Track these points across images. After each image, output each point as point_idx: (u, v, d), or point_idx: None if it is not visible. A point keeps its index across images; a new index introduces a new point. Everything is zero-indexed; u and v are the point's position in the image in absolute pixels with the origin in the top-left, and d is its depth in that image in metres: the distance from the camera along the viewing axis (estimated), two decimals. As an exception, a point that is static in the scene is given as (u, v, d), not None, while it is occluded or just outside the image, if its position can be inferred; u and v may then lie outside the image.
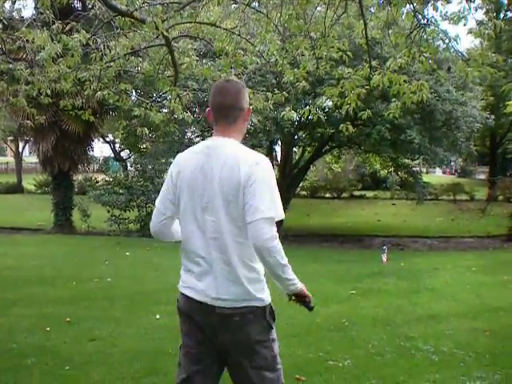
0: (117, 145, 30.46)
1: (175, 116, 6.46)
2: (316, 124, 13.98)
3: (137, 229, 15.30)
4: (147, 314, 5.96)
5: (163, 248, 11.08)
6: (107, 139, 30.07)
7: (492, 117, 17.37)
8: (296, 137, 17.36)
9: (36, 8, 6.80)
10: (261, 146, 15.02)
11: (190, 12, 5.17)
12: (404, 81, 4.74)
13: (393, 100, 5.35)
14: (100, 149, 33.95)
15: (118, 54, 5.28)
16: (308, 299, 2.34)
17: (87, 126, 14.47)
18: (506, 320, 5.72)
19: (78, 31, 4.92)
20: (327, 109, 14.50)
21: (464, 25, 4.38)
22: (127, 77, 8.23)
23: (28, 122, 9.19)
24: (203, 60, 11.21)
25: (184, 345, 2.38)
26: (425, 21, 4.49)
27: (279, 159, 19.29)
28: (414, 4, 4.30)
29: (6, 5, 5.97)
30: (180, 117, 6.21)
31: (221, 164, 2.22)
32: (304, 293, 2.31)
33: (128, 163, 27.11)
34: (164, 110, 8.40)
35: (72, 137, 14.95)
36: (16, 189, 28.72)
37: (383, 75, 4.69)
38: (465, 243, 15.63)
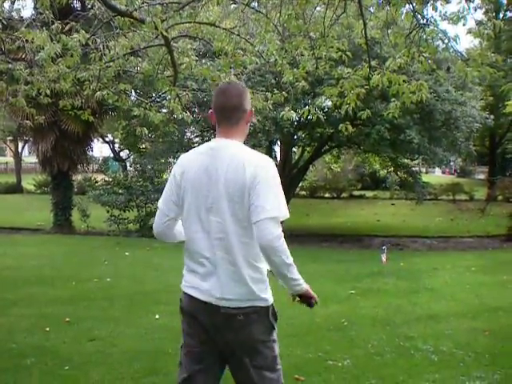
0: (116, 145, 30.47)
1: (174, 116, 6.46)
2: (315, 124, 13.99)
3: (136, 229, 15.31)
4: (147, 314, 5.95)
5: (163, 248, 11.08)
6: (107, 139, 30.10)
7: (491, 117, 17.36)
8: (295, 137, 17.37)
9: (35, 8, 6.82)
10: (260, 146, 15.01)
11: (190, 12, 5.17)
12: (403, 81, 4.75)
13: (392, 100, 5.36)
14: (99, 149, 33.92)
15: (118, 54, 5.28)
16: (314, 300, 2.34)
17: (86, 126, 14.46)
18: (506, 320, 5.72)
19: (78, 31, 4.92)
20: (326, 109, 14.49)
21: (463, 25, 4.38)
22: (126, 77, 8.24)
23: (27, 122, 9.17)
24: (202, 60, 11.17)
25: (186, 344, 2.38)
26: (424, 21, 4.50)
27: (278, 159, 19.27)
28: (414, 4, 4.30)
29: (6, 5, 5.98)
30: (179, 117, 6.21)
31: (226, 165, 2.23)
32: (309, 294, 2.32)
33: (127, 163, 27.14)
34: (163, 110, 8.38)
35: (71, 137, 14.94)
36: (15, 189, 28.72)
37: (382, 75, 4.69)
38: (464, 243, 15.63)
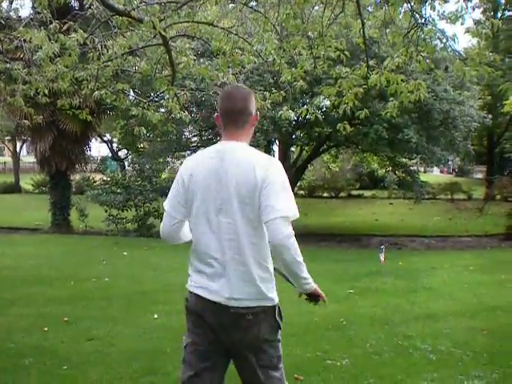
0: (114, 144, 30.47)
1: (173, 115, 6.45)
2: (314, 123, 14.00)
3: (134, 228, 15.31)
4: (145, 314, 5.95)
5: (161, 248, 11.08)
6: (105, 139, 30.09)
7: (489, 116, 17.36)
8: (294, 136, 17.36)
9: (33, 7, 6.80)
10: (258, 146, 15.00)
11: (188, 11, 5.17)
12: (401, 80, 4.75)
13: (390, 99, 5.35)
14: (97, 148, 33.93)
15: (116, 54, 5.27)
16: (322, 299, 2.40)
17: (85, 126, 14.45)
18: (504, 319, 5.73)
19: (76, 31, 4.91)
20: (325, 108, 14.48)
21: (461, 24, 4.39)
22: (125, 76, 8.23)
23: (25, 122, 9.15)
24: (201, 59, 11.20)
25: (192, 342, 2.39)
26: (422, 20, 4.50)
27: (277, 159, 19.28)
28: (412, 3, 4.30)
29: (4, 4, 5.98)
30: (177, 116, 6.21)
31: (236, 168, 2.28)
32: (317, 292, 2.39)
33: (125, 163, 27.09)
34: (162, 110, 8.38)
35: (69, 136, 14.92)
36: (13, 188, 28.67)
37: (381, 74, 4.69)
38: (462, 242, 15.65)
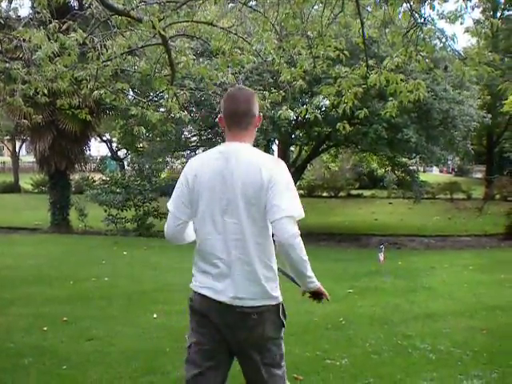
0: (114, 144, 30.43)
1: (172, 115, 6.44)
2: (313, 123, 13.95)
3: (134, 228, 15.31)
4: (145, 313, 5.95)
5: (160, 247, 11.08)
6: (104, 138, 30.05)
7: (489, 116, 17.35)
8: (293, 136, 17.36)
9: (33, 7, 6.79)
10: (258, 145, 15.01)
11: (187, 11, 5.17)
12: (401, 80, 4.75)
13: (390, 99, 5.36)
14: (97, 148, 33.92)
15: (115, 53, 5.27)
16: (325, 297, 2.42)
17: (84, 125, 14.43)
18: (503, 318, 5.74)
19: (75, 30, 4.90)
20: (324, 108, 14.49)
21: (461, 24, 4.41)
22: (124, 76, 8.24)
23: (25, 122, 9.16)
24: (200, 59, 11.20)
25: (196, 342, 2.39)
26: (421, 20, 4.50)
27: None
28: (411, 3, 4.30)
29: (3, 4, 5.97)
30: (177, 116, 6.21)
31: (241, 169, 2.29)
32: (321, 291, 2.40)
33: (125, 162, 27.06)
34: (161, 109, 8.39)
35: (69, 136, 14.90)
36: (13, 188, 28.63)
37: (380, 74, 4.69)
38: (462, 242, 15.67)
